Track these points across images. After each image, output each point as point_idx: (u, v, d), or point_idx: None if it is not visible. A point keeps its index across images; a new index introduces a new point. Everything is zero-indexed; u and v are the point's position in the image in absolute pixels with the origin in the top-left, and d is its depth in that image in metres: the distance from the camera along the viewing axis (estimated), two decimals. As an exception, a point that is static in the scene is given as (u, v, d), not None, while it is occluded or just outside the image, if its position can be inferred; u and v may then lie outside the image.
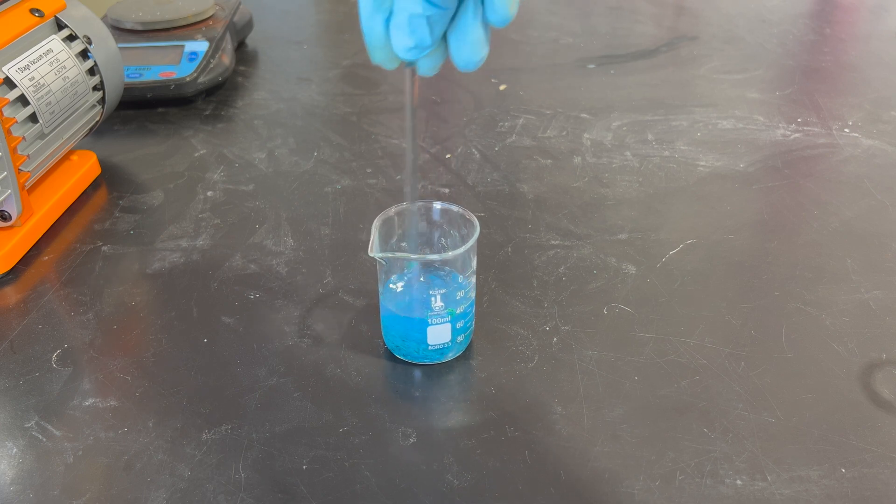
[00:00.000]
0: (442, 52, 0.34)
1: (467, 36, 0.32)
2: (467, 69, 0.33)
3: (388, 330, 0.47)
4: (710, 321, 0.50)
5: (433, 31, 0.31)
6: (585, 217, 0.61)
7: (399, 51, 0.32)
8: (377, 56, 0.34)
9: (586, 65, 0.91)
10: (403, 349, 0.46)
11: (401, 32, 0.32)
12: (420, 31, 0.31)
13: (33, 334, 0.50)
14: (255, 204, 0.64)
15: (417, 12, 0.30)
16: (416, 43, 0.32)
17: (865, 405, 0.43)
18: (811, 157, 0.70)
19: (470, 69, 0.33)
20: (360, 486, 0.39)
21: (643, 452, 0.41)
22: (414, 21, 0.31)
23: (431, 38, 0.32)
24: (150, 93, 0.79)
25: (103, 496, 0.39)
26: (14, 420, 0.44)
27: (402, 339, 0.46)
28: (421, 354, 0.46)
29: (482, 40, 0.33)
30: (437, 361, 0.47)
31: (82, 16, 0.65)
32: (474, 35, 0.32)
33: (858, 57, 0.92)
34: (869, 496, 0.38)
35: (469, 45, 0.32)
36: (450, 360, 0.47)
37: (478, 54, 0.33)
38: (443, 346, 0.46)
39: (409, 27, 0.31)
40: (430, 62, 0.34)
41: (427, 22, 0.31)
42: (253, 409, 0.44)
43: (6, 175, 0.55)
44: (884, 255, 0.56)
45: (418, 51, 0.32)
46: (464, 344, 0.47)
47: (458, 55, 0.33)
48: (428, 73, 0.35)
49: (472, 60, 0.33)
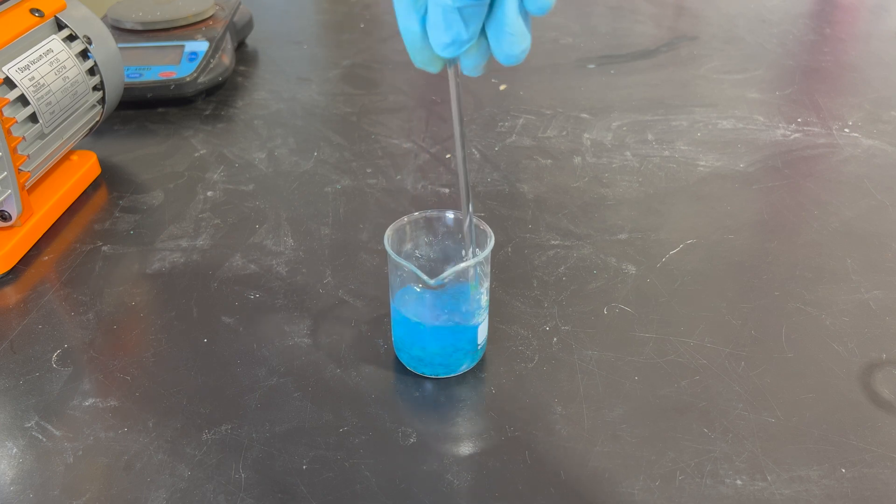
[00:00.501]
0: (484, 49, 0.33)
1: (505, 28, 0.31)
2: (510, 63, 0.32)
3: (424, 341, 0.45)
4: (710, 321, 0.50)
5: (468, 24, 0.31)
6: (585, 217, 0.61)
7: (437, 48, 0.32)
8: (418, 58, 0.33)
9: (586, 65, 0.91)
10: (441, 359, 0.45)
11: (437, 29, 0.31)
12: (455, 26, 0.31)
13: (33, 334, 0.50)
14: (255, 204, 0.64)
15: (449, 5, 0.30)
16: (453, 38, 0.31)
17: (865, 405, 0.43)
18: (811, 157, 0.70)
19: (513, 63, 0.32)
20: (360, 486, 0.39)
21: (643, 452, 0.41)
22: (448, 15, 0.30)
23: (468, 33, 0.31)
24: (150, 93, 0.79)
25: (103, 496, 0.39)
26: (14, 420, 0.44)
27: (451, 349, 0.45)
28: (458, 360, 0.45)
29: (522, 32, 0.32)
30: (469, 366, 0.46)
31: (82, 16, 0.65)
32: (513, 27, 0.31)
33: (858, 57, 0.92)
34: (869, 496, 0.38)
35: (508, 38, 0.32)
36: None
37: (518, 46, 0.32)
38: (482, 343, 0.46)
39: (444, 22, 0.31)
40: (472, 60, 0.33)
41: (461, 15, 0.30)
42: (253, 409, 0.44)
43: (6, 175, 0.55)
44: (884, 255, 0.56)
45: (456, 46, 0.31)
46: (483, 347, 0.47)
47: (499, 49, 0.32)
48: (472, 72, 0.34)
49: (513, 53, 0.32)
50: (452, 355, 0.45)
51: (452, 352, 0.45)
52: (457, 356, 0.45)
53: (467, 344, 0.45)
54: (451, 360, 0.45)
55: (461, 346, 0.45)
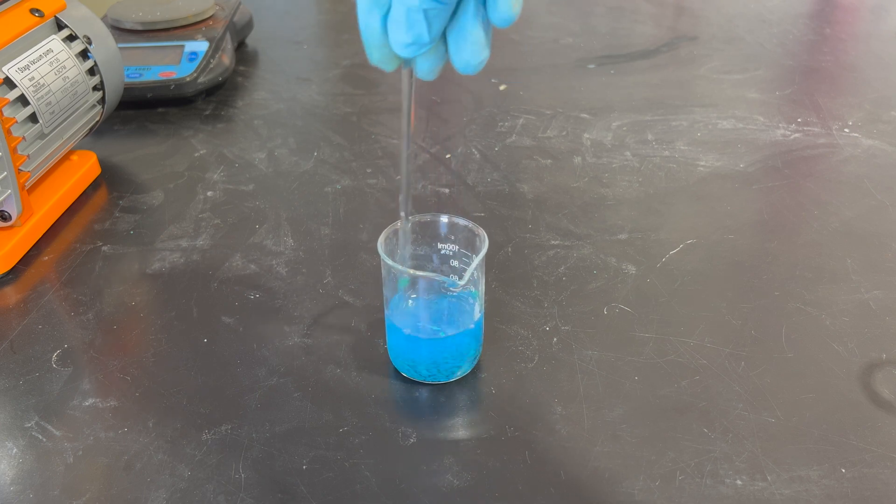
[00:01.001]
0: (441, 54, 0.33)
1: (467, 36, 0.31)
2: (467, 72, 0.32)
3: (419, 350, 0.44)
4: (710, 321, 0.50)
5: (431, 26, 0.30)
6: (585, 217, 0.61)
7: (396, 47, 0.32)
8: (375, 55, 0.33)
9: (586, 65, 0.91)
10: (440, 367, 0.45)
11: (398, 27, 0.31)
12: (418, 26, 0.30)
13: (33, 334, 0.50)
14: (255, 204, 0.64)
15: (414, 5, 0.30)
16: (414, 39, 0.31)
17: (865, 405, 0.43)
18: (811, 157, 0.70)
19: (469, 72, 0.32)
20: (360, 486, 0.39)
21: (643, 452, 0.41)
22: (411, 15, 0.30)
23: (429, 35, 0.31)
24: (150, 93, 0.79)
25: (103, 496, 0.39)
26: (14, 420, 0.44)
27: (455, 357, 0.44)
28: (455, 367, 0.45)
29: (482, 42, 0.32)
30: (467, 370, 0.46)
31: (82, 16, 0.65)
32: (474, 35, 0.31)
33: (858, 57, 0.92)
34: (869, 496, 0.38)
35: (469, 46, 0.32)
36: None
37: (478, 56, 0.32)
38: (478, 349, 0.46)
39: (407, 22, 0.30)
40: (428, 63, 0.33)
41: (424, 16, 0.30)
42: (253, 409, 0.44)
43: (6, 175, 0.55)
44: (884, 255, 0.56)
45: (416, 48, 0.31)
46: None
47: (458, 56, 0.32)
48: (427, 76, 0.34)
49: (472, 63, 0.32)
50: (448, 363, 0.44)
51: (448, 359, 0.44)
52: (453, 363, 0.45)
53: (464, 351, 0.45)
54: (446, 367, 0.45)
55: (457, 354, 0.44)
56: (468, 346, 0.45)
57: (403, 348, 0.45)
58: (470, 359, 0.45)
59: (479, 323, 0.45)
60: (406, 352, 0.45)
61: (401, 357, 0.45)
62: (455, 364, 0.45)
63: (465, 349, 0.44)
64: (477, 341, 0.45)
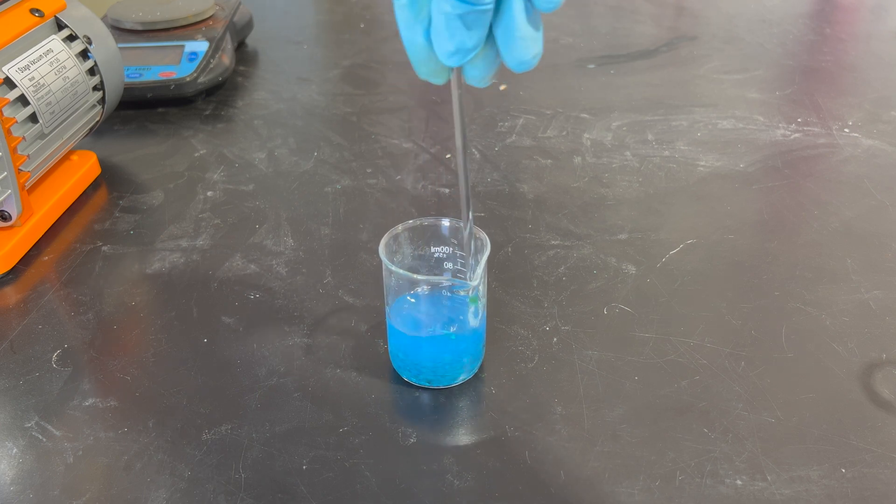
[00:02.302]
0: (491, 58, 0.32)
1: (515, 32, 0.30)
2: (522, 69, 0.31)
3: (420, 354, 0.44)
4: (710, 321, 0.50)
5: (472, 31, 0.29)
6: (585, 217, 0.61)
7: (442, 57, 0.30)
8: (423, 70, 0.32)
9: (586, 65, 0.91)
10: (445, 370, 0.45)
11: (440, 38, 0.30)
12: (459, 33, 0.29)
13: (33, 334, 0.50)
14: (255, 204, 0.64)
15: (448, 11, 0.29)
16: (457, 47, 0.29)
17: (865, 405, 0.43)
18: (811, 157, 0.70)
19: (525, 69, 0.31)
20: (360, 486, 0.39)
21: (643, 452, 0.41)
22: (450, 23, 0.29)
23: (472, 40, 0.30)
24: (150, 93, 0.79)
25: (103, 496, 0.39)
26: (14, 420, 0.44)
27: (459, 357, 0.44)
28: (460, 369, 0.45)
29: (532, 36, 0.30)
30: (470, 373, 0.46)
31: (82, 16, 0.65)
32: (523, 30, 0.30)
33: (858, 57, 0.92)
34: (869, 496, 0.38)
35: (519, 42, 0.30)
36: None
37: (530, 51, 0.30)
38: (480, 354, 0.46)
39: (448, 31, 0.29)
40: (478, 69, 0.32)
41: (463, 22, 0.29)
42: (253, 409, 0.44)
43: (6, 175, 0.55)
44: (884, 255, 0.56)
45: (461, 55, 0.30)
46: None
47: (510, 55, 0.31)
48: (479, 83, 0.32)
49: (525, 59, 0.30)
50: (450, 367, 0.44)
51: (449, 364, 0.44)
52: (454, 368, 0.45)
53: (465, 356, 0.44)
54: (448, 372, 0.44)
55: (458, 358, 0.44)
56: (470, 351, 0.44)
57: (405, 353, 0.45)
58: (471, 364, 0.45)
59: (482, 328, 0.45)
60: (408, 356, 0.45)
61: (403, 362, 0.45)
62: (456, 369, 0.44)
63: (467, 354, 0.44)
64: (479, 347, 0.45)
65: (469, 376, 0.46)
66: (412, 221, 0.45)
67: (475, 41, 0.30)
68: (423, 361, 0.44)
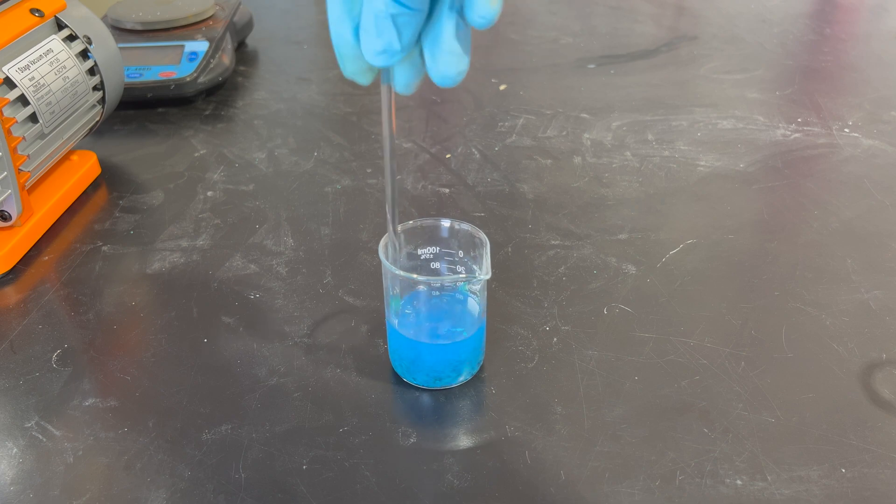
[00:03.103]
0: (417, 66, 0.32)
1: (442, 45, 0.30)
2: (445, 84, 0.31)
3: (421, 355, 0.44)
4: (710, 321, 0.50)
5: (402, 33, 0.29)
6: (585, 217, 0.61)
7: (368, 55, 0.30)
8: (349, 67, 0.32)
9: (586, 65, 0.91)
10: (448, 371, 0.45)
11: (368, 35, 0.30)
12: (387, 33, 0.29)
13: (33, 334, 0.50)
14: (255, 204, 0.64)
15: (381, 11, 0.28)
16: (385, 47, 0.29)
17: (865, 405, 0.43)
18: (811, 157, 0.70)
19: (447, 84, 0.31)
20: (360, 486, 0.39)
21: (643, 452, 0.41)
22: (380, 22, 0.29)
23: (400, 42, 0.29)
24: (150, 93, 0.79)
25: (103, 496, 0.39)
26: (14, 420, 0.44)
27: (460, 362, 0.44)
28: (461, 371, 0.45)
29: (458, 52, 0.30)
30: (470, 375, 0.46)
31: (82, 16, 0.65)
32: (449, 44, 0.30)
33: (858, 57, 0.92)
34: (869, 496, 0.38)
35: (444, 56, 0.30)
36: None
37: (454, 67, 0.30)
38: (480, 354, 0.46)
39: (377, 28, 0.29)
40: (404, 76, 0.32)
41: (393, 22, 0.29)
42: (253, 409, 0.44)
43: (6, 175, 0.55)
44: (884, 255, 0.56)
45: (388, 56, 0.30)
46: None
47: (434, 67, 0.30)
48: (404, 90, 0.32)
49: (449, 74, 0.30)
50: (449, 369, 0.44)
51: (449, 365, 0.44)
52: (454, 369, 0.44)
53: (465, 357, 0.44)
54: (448, 373, 0.44)
55: (459, 360, 0.44)
56: (470, 352, 0.44)
57: (405, 354, 0.45)
58: (471, 366, 0.45)
59: (482, 329, 0.45)
60: (408, 357, 0.45)
61: (402, 363, 0.45)
62: (456, 370, 0.44)
63: (467, 355, 0.44)
64: (479, 348, 0.45)
65: (469, 377, 0.46)
66: (411, 222, 0.45)
67: (403, 44, 0.29)
68: (422, 363, 0.44)
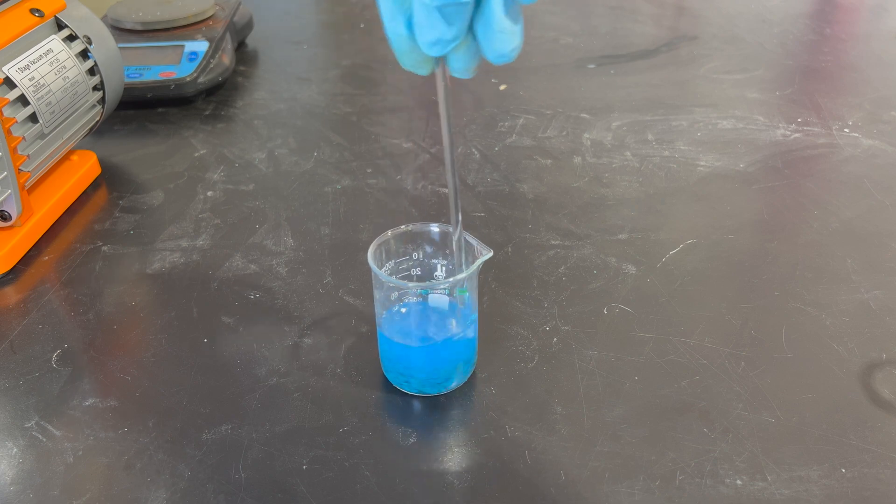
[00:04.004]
0: (472, 50, 0.32)
1: (494, 25, 0.31)
2: (501, 61, 0.32)
3: (410, 362, 0.44)
4: (710, 321, 0.50)
5: (451, 23, 0.30)
6: (585, 217, 0.61)
7: (423, 46, 0.31)
8: (406, 61, 0.33)
9: (586, 65, 0.91)
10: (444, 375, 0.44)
11: (421, 28, 0.31)
12: (438, 25, 0.30)
13: (33, 334, 0.50)
14: (255, 204, 0.64)
15: (428, 4, 0.29)
16: (438, 37, 0.30)
17: (865, 405, 0.43)
18: (811, 157, 0.70)
19: (504, 61, 0.31)
20: (360, 486, 0.39)
21: (643, 452, 0.41)
22: (430, 14, 0.30)
23: (451, 32, 0.30)
24: (150, 93, 0.79)
25: (103, 496, 0.39)
26: (14, 420, 0.44)
27: (451, 364, 0.44)
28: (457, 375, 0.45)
29: (511, 29, 0.31)
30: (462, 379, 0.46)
31: (82, 16, 0.65)
32: (501, 24, 0.31)
33: (858, 57, 0.92)
34: (869, 496, 0.38)
35: (497, 35, 0.31)
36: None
37: (508, 44, 0.31)
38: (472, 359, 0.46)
39: (428, 22, 0.30)
40: (460, 61, 0.33)
41: (441, 14, 0.30)
42: (253, 409, 0.44)
43: (6, 175, 0.55)
44: (884, 255, 0.56)
45: (442, 45, 0.31)
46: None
47: (489, 47, 0.31)
48: (463, 74, 0.33)
49: (503, 52, 0.31)
50: (440, 374, 0.44)
51: (440, 371, 0.44)
52: (445, 375, 0.44)
53: (456, 363, 0.44)
54: (438, 379, 0.44)
55: (452, 364, 0.44)
56: (461, 357, 0.44)
57: (395, 359, 0.44)
58: (462, 371, 0.45)
59: (473, 334, 0.45)
60: (398, 363, 0.44)
61: (392, 368, 0.45)
62: (447, 376, 0.44)
63: (458, 360, 0.44)
64: (470, 353, 0.45)
65: (460, 384, 0.45)
66: (403, 227, 0.44)
67: (455, 33, 0.31)
68: (413, 368, 0.44)
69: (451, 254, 0.43)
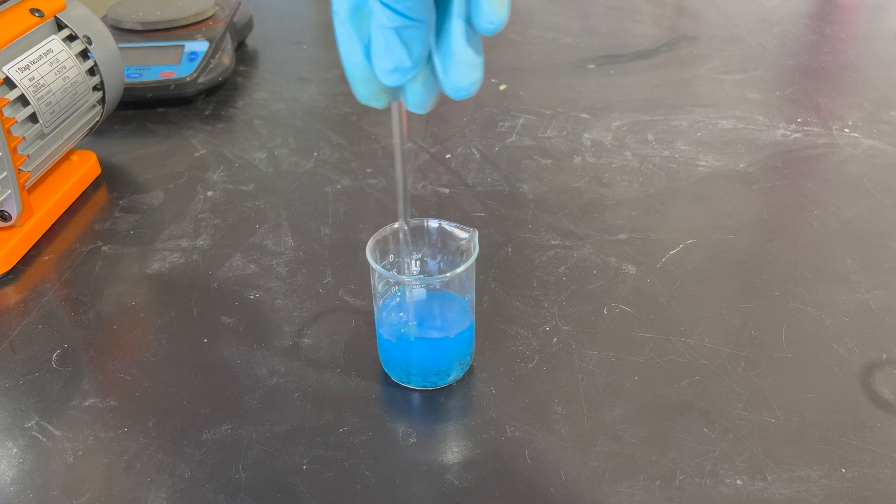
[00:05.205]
0: (430, 83, 0.31)
1: (454, 56, 0.29)
2: (459, 96, 0.30)
3: (410, 355, 0.44)
4: (710, 321, 0.50)
5: (411, 49, 0.29)
6: (585, 217, 0.61)
7: (380, 75, 0.30)
8: (362, 91, 0.32)
9: (586, 65, 0.91)
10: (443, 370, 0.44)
11: (378, 54, 0.29)
12: (397, 50, 0.28)
13: (33, 334, 0.50)
14: (255, 204, 0.64)
15: (385, 24, 0.28)
16: (396, 64, 0.29)
17: (865, 405, 0.43)
18: (811, 157, 0.70)
19: (462, 96, 0.30)
20: (360, 486, 0.39)
21: (643, 452, 0.41)
22: (388, 38, 0.28)
23: (411, 59, 0.29)
24: (150, 93, 0.79)
25: (103, 496, 0.39)
26: (14, 420, 0.44)
27: (453, 361, 0.44)
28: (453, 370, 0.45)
29: (472, 62, 0.29)
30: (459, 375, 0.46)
31: (82, 16, 0.65)
32: (462, 55, 0.29)
33: (858, 57, 0.92)
34: (869, 496, 0.38)
35: (457, 67, 0.29)
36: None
37: (468, 78, 0.30)
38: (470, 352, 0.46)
39: (385, 46, 0.28)
40: (417, 94, 0.31)
41: (399, 37, 0.28)
42: (253, 409, 0.44)
43: (6, 175, 0.55)
44: (884, 255, 0.56)
45: (400, 74, 0.29)
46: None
47: (447, 80, 0.30)
48: (418, 108, 0.32)
49: (463, 86, 0.30)
50: (438, 368, 0.44)
51: (438, 364, 0.44)
52: (443, 369, 0.44)
53: (456, 355, 0.44)
54: (436, 372, 0.44)
55: (450, 358, 0.44)
56: (458, 350, 0.44)
57: (393, 353, 0.44)
58: (460, 365, 0.45)
59: (470, 328, 0.45)
60: (396, 357, 0.44)
61: (391, 362, 0.45)
62: (445, 370, 0.44)
63: (456, 354, 0.44)
64: (467, 347, 0.45)
65: (458, 377, 0.45)
66: (398, 223, 0.44)
67: (414, 59, 0.29)
68: (411, 362, 0.44)
69: (447, 251, 0.44)
